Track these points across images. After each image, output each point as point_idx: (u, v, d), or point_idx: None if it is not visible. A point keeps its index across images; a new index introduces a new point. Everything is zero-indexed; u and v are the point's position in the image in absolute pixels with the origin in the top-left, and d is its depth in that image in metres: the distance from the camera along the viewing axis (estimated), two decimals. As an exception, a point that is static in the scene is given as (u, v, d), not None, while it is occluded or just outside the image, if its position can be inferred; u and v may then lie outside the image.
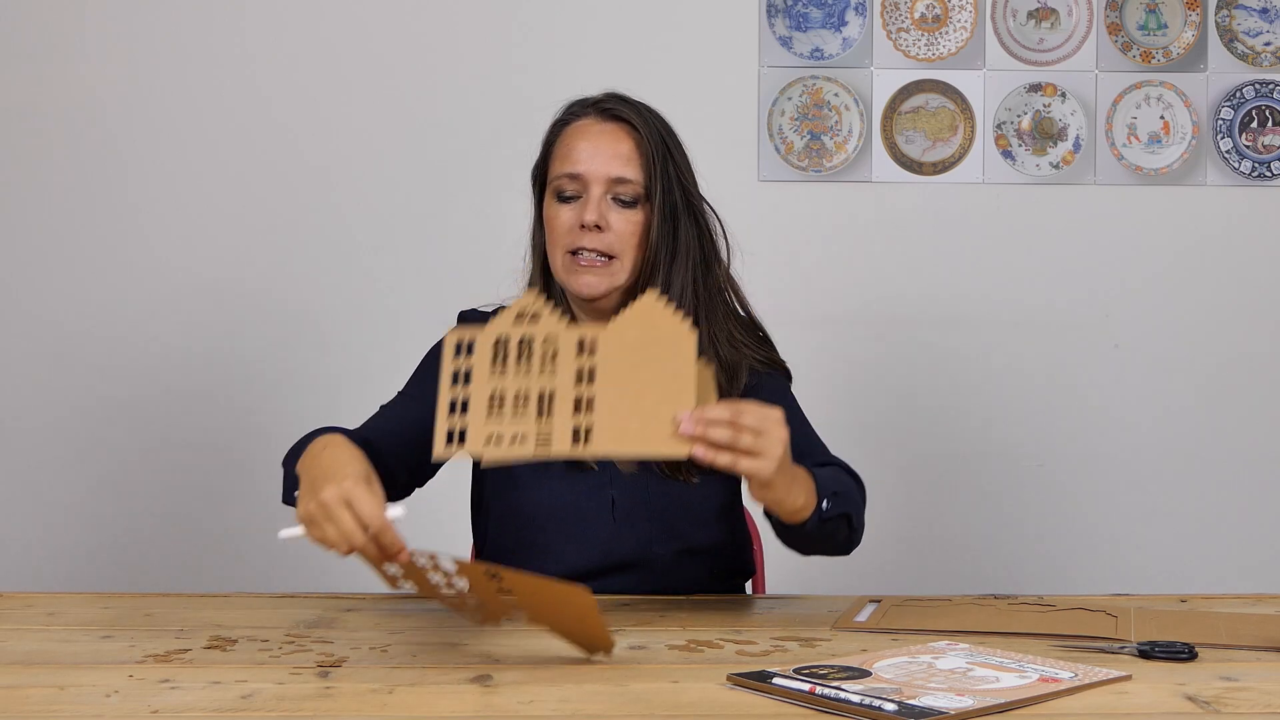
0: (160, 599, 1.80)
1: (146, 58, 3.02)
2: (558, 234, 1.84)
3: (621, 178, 1.83)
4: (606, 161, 1.83)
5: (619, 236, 1.83)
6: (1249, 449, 3.04)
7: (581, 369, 1.50)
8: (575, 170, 1.84)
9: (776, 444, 1.49)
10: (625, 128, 1.86)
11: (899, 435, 3.05)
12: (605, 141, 1.85)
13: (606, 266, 1.83)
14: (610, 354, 1.51)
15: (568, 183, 1.84)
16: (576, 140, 1.86)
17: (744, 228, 1.98)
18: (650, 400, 1.47)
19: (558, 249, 1.85)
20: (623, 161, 1.84)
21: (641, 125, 1.86)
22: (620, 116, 1.87)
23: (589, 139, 1.85)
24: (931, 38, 3.03)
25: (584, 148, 1.85)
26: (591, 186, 1.83)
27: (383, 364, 2.97)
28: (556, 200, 1.86)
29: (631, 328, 1.52)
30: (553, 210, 1.86)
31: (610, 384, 1.49)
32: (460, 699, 1.30)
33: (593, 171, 1.83)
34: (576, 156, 1.84)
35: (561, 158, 1.86)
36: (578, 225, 1.82)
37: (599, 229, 1.82)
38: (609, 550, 1.85)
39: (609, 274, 1.83)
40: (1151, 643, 1.48)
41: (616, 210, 1.84)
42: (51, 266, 3.03)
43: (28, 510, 3.03)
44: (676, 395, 1.47)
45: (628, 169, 1.84)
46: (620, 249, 1.83)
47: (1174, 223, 3.04)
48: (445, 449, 1.48)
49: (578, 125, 1.88)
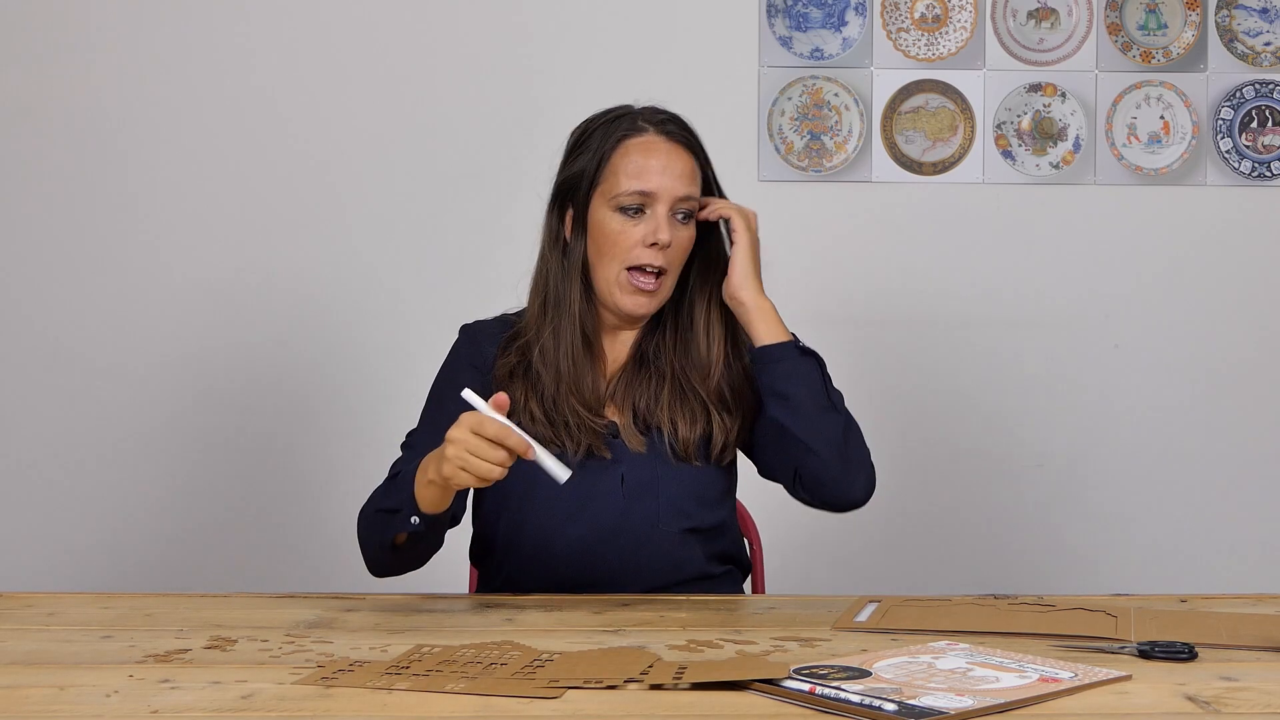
0: (160, 599, 1.80)
1: (149, 58, 3.02)
2: (620, 248, 1.88)
3: (688, 195, 1.90)
4: (676, 180, 1.88)
5: (675, 252, 1.90)
6: (1249, 449, 3.04)
7: None
8: (648, 188, 1.87)
9: (751, 228, 1.93)
10: (684, 148, 1.92)
11: (899, 435, 3.05)
12: (674, 160, 1.90)
13: (658, 285, 1.90)
14: None
15: (637, 199, 1.87)
16: (646, 158, 1.89)
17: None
18: None
19: (615, 263, 1.88)
20: (688, 180, 1.90)
21: (696, 145, 1.93)
22: (681, 137, 1.92)
23: (660, 157, 1.89)
24: (931, 38, 3.03)
25: (656, 165, 1.88)
26: (659, 205, 1.88)
27: (386, 364, 2.99)
28: (619, 214, 1.88)
29: None
30: (615, 224, 1.88)
31: None
32: (459, 700, 1.30)
33: (665, 189, 1.87)
34: (649, 174, 1.88)
35: (630, 174, 1.88)
36: (647, 243, 1.87)
37: (667, 247, 1.88)
38: (619, 525, 1.89)
39: (660, 294, 1.91)
40: (1151, 643, 1.48)
41: (677, 227, 1.89)
42: (51, 266, 3.03)
43: (28, 510, 3.03)
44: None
45: (691, 187, 1.90)
46: (672, 265, 1.90)
47: (1174, 223, 3.04)
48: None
49: (643, 141, 1.90)
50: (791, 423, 1.84)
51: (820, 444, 1.84)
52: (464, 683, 1.34)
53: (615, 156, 1.89)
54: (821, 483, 1.87)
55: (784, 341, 1.87)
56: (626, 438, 1.90)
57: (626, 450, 1.90)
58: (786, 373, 1.85)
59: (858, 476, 1.86)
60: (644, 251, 1.87)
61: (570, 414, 1.88)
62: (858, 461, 1.86)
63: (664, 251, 1.87)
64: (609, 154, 1.90)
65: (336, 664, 1.43)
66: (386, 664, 1.42)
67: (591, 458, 1.89)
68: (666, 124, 1.92)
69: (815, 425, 1.84)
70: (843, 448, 1.85)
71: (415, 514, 1.72)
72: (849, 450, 1.85)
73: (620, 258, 1.87)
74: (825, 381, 1.87)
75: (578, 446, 1.88)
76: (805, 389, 1.85)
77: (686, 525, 1.91)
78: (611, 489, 1.90)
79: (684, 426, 1.90)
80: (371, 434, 2.79)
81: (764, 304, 1.88)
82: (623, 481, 1.90)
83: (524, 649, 1.47)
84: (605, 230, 1.88)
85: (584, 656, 1.44)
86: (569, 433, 1.88)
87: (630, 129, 1.91)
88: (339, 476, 2.96)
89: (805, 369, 1.86)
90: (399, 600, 1.80)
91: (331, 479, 2.99)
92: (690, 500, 1.92)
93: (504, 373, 1.90)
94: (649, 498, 1.90)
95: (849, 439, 1.86)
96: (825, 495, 1.88)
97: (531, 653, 1.45)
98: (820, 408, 1.85)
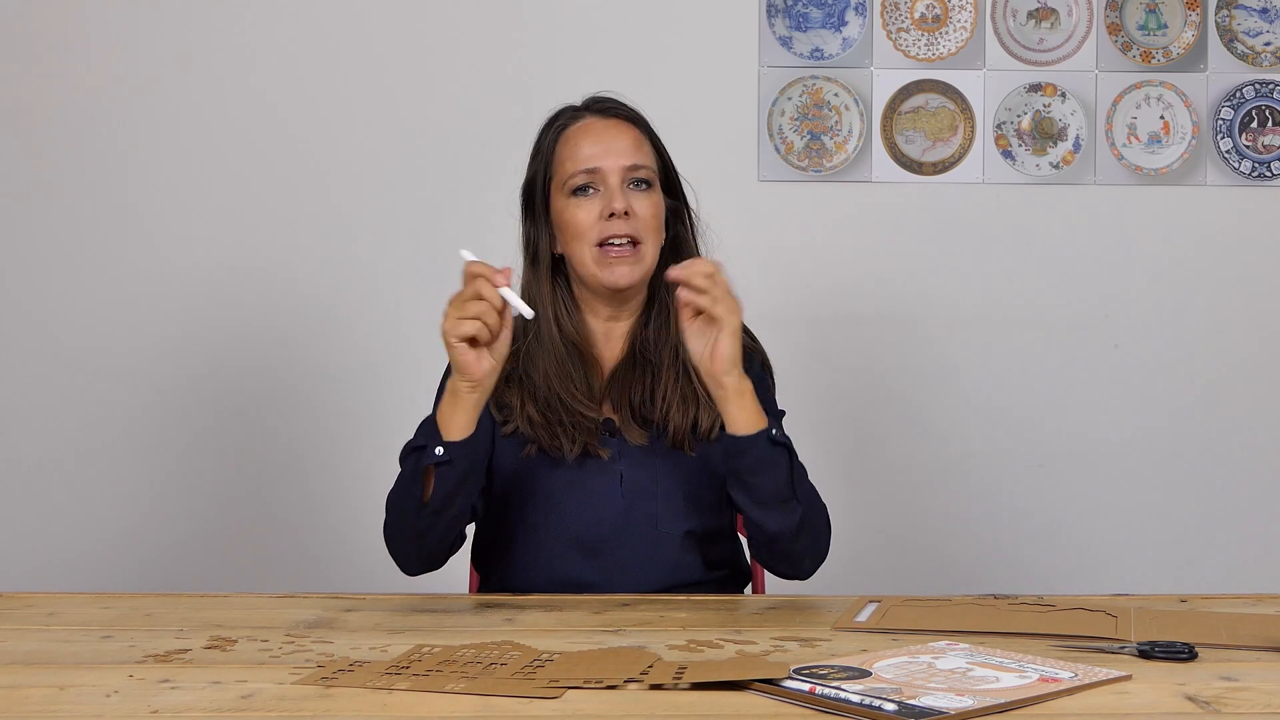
0: (160, 599, 1.80)
1: (148, 58, 3.02)
2: (583, 229, 1.89)
3: (635, 164, 1.90)
4: (619, 152, 1.90)
5: (643, 220, 1.89)
6: (1249, 449, 3.04)
7: None
8: (590, 165, 1.89)
9: (740, 314, 1.75)
10: (624, 121, 1.94)
11: (898, 435, 3.05)
12: (611, 134, 1.92)
13: (635, 253, 1.89)
14: None
15: (583, 178, 1.89)
16: (581, 139, 1.92)
17: (744, 227, 1.99)
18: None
19: (584, 244, 1.89)
20: (633, 149, 1.91)
21: (637, 117, 1.96)
22: (617, 112, 1.95)
23: (595, 134, 1.92)
24: (931, 38, 3.03)
25: (593, 143, 1.91)
26: (609, 177, 1.89)
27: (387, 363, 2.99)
28: (574, 198, 1.90)
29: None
30: (571, 208, 1.90)
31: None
32: (460, 700, 1.30)
33: (608, 164, 1.89)
34: (588, 153, 1.90)
35: (570, 159, 1.91)
36: (605, 215, 1.88)
37: (626, 215, 1.87)
38: (620, 525, 1.89)
39: (639, 261, 1.90)
40: (1151, 643, 1.48)
41: (636, 195, 1.90)
42: (51, 265, 3.03)
43: (28, 510, 3.03)
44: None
45: (639, 155, 1.91)
46: (645, 233, 1.90)
47: (1174, 223, 3.04)
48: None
49: (578, 127, 1.94)
50: (748, 508, 1.83)
51: (774, 531, 1.82)
52: (464, 683, 1.34)
53: (559, 147, 1.93)
54: (765, 560, 1.90)
55: (756, 433, 1.78)
56: (626, 432, 1.91)
57: (625, 447, 1.91)
58: (751, 465, 1.79)
59: (802, 562, 1.87)
60: (607, 224, 1.87)
61: (564, 412, 1.89)
62: (806, 549, 1.85)
63: (626, 220, 1.87)
64: (553, 147, 1.94)
65: (336, 664, 1.43)
66: (386, 664, 1.42)
67: (589, 457, 1.89)
68: (602, 103, 1.95)
69: (771, 515, 1.81)
70: (793, 539, 1.83)
71: (440, 444, 1.75)
72: (797, 542, 1.83)
73: (586, 238, 1.89)
74: (791, 472, 1.81)
75: (573, 445, 1.88)
76: (768, 482, 1.80)
77: (686, 527, 1.92)
78: (610, 489, 1.90)
79: (677, 415, 1.90)
80: (372, 434, 2.79)
81: (744, 387, 1.77)
82: (621, 481, 1.90)
83: (524, 649, 1.47)
84: (565, 217, 1.91)
85: (584, 656, 1.44)
86: (565, 432, 1.88)
87: (569, 119, 1.95)
88: (340, 476, 2.96)
89: (772, 460, 1.79)
90: (399, 600, 1.80)
91: (332, 479, 2.99)
92: (690, 501, 1.92)
93: (502, 379, 1.91)
94: (648, 498, 1.90)
95: (801, 531, 1.82)
96: (767, 567, 1.92)
97: (531, 653, 1.45)
98: (780, 500, 1.80)
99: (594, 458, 1.90)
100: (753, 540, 1.89)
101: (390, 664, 1.42)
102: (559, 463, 1.90)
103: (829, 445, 2.04)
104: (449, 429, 1.76)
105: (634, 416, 1.91)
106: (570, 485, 1.90)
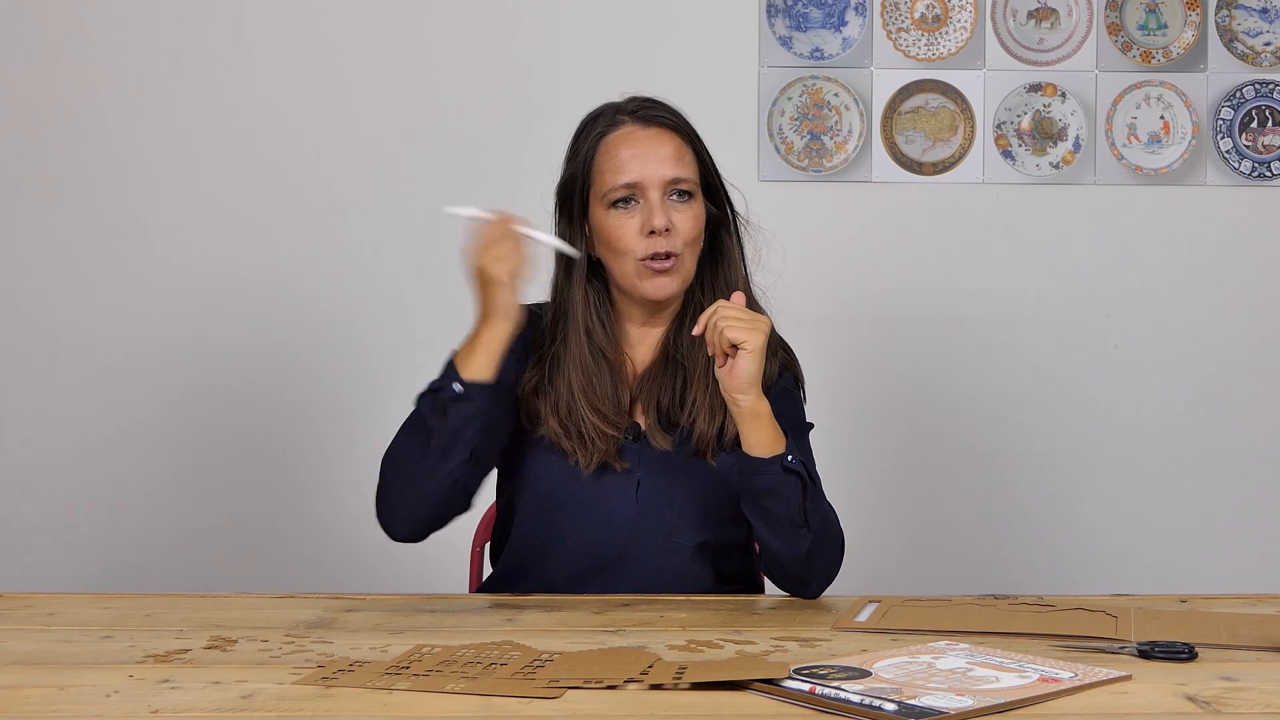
0: (160, 599, 1.79)
1: (148, 58, 3.02)
2: (624, 245, 1.86)
3: (676, 177, 1.87)
4: (659, 164, 1.87)
5: (683, 234, 1.87)
6: (1248, 449, 3.04)
7: None
8: (632, 179, 1.86)
9: (763, 332, 1.74)
10: (665, 130, 1.90)
11: (898, 435, 3.05)
12: (656, 145, 1.88)
13: (676, 265, 1.87)
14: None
15: (623, 191, 1.86)
16: (621, 149, 1.88)
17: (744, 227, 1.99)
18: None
19: (626, 259, 1.87)
20: (674, 161, 1.88)
21: (679, 124, 1.91)
22: (658, 119, 1.90)
23: (635, 145, 1.88)
24: (931, 38, 3.03)
25: (633, 154, 1.87)
26: (649, 191, 1.86)
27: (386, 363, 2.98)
28: (613, 210, 1.87)
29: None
30: (612, 221, 1.87)
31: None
32: (460, 700, 1.30)
33: (648, 177, 1.86)
34: (628, 166, 1.87)
35: (610, 169, 1.88)
36: (645, 232, 1.85)
37: (667, 231, 1.85)
38: (633, 534, 1.87)
39: (678, 273, 1.88)
40: (1151, 643, 1.48)
41: (676, 208, 1.87)
42: (50, 266, 3.03)
43: (28, 510, 3.03)
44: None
45: (679, 167, 1.88)
46: (684, 247, 1.88)
47: (1174, 223, 3.04)
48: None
49: (619, 135, 1.90)
50: (758, 527, 1.81)
51: (782, 555, 1.80)
52: (464, 683, 1.34)
53: (598, 156, 1.89)
54: (772, 576, 1.88)
55: (771, 457, 1.77)
56: (652, 437, 1.89)
57: (644, 458, 1.89)
58: (764, 487, 1.78)
59: (809, 584, 1.83)
60: (651, 241, 1.85)
61: (585, 424, 1.86)
62: (813, 573, 1.82)
63: (666, 237, 1.85)
64: (591, 155, 1.90)
65: (336, 664, 1.43)
66: (386, 664, 1.42)
67: (607, 470, 1.88)
68: (644, 109, 1.91)
69: (782, 538, 1.79)
70: (800, 562, 1.80)
71: (457, 380, 1.76)
72: (804, 566, 1.81)
73: (627, 253, 1.86)
74: (804, 499, 1.78)
75: (591, 458, 1.86)
76: (780, 506, 1.78)
77: (699, 539, 1.90)
78: (625, 497, 1.88)
79: (703, 420, 1.87)
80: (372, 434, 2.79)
81: (760, 409, 1.76)
82: (638, 488, 1.89)
83: (524, 649, 1.47)
84: (605, 230, 1.88)
85: (584, 656, 1.44)
86: (583, 444, 1.86)
87: (608, 125, 1.91)
88: (339, 476, 2.96)
89: (784, 486, 1.78)
90: (399, 600, 1.80)
91: (332, 479, 2.99)
92: (706, 513, 1.89)
93: (530, 388, 1.90)
94: (663, 508, 1.88)
95: (809, 557, 1.80)
96: (774, 581, 1.89)
97: (531, 653, 1.45)
98: (792, 524, 1.79)
99: (612, 469, 1.88)
100: (761, 555, 1.88)
101: (390, 664, 1.42)
102: (579, 469, 1.88)
103: (827, 445, 2.04)
104: (467, 368, 1.77)
105: (662, 419, 1.89)
106: (586, 490, 1.88)
